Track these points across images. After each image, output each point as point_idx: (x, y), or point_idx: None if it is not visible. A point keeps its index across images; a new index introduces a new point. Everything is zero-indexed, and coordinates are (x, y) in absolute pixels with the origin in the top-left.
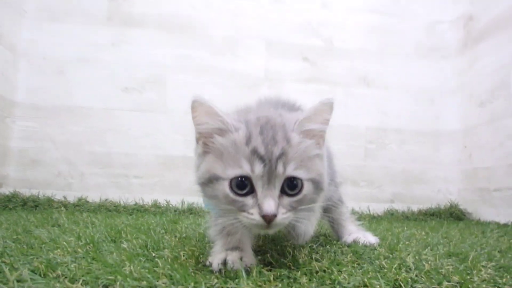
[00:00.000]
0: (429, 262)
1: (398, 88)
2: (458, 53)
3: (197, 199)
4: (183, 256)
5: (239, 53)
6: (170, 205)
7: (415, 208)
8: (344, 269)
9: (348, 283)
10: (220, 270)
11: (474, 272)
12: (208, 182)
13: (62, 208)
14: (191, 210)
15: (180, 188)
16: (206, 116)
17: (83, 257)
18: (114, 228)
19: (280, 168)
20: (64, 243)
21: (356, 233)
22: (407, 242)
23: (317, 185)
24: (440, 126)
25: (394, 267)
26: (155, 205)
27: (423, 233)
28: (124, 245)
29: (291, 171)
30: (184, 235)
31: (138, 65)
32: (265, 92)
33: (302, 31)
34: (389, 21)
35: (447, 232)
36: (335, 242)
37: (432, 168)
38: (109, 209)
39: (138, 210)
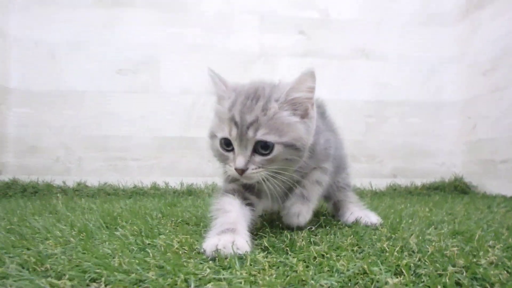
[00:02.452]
0: (433, 243)
1: (397, 59)
2: (458, 21)
3: (195, 179)
4: (177, 244)
5: (232, 29)
6: (169, 187)
7: (418, 182)
8: (343, 253)
9: (347, 270)
10: (213, 258)
11: (481, 253)
12: (211, 136)
13: (59, 195)
14: (190, 192)
15: (178, 169)
16: (215, 85)
17: (75, 248)
18: (110, 214)
19: (250, 133)
20: (58, 232)
21: (358, 213)
22: (410, 221)
23: (292, 147)
24: (442, 97)
25: (396, 250)
26: (154, 187)
27: (427, 209)
28: (119, 232)
29: (260, 136)
30: (180, 219)
31: (130, 47)
32: (260, 67)
33: (297, 3)
34: None
35: (452, 208)
36: (335, 222)
37: (435, 140)
38: (108, 193)
39: (137, 193)
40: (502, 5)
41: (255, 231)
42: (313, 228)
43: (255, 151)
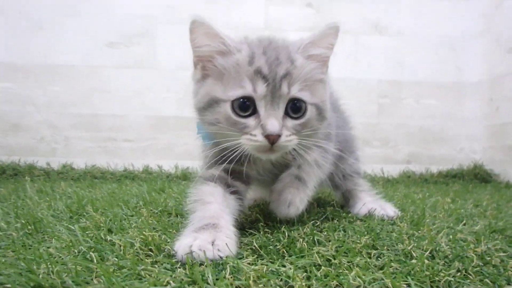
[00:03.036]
0: (470, 246)
1: (415, 35)
2: None
3: (191, 163)
4: (141, 242)
5: (235, 0)
6: (163, 171)
7: (434, 169)
8: (356, 259)
9: (363, 286)
10: (185, 264)
11: None
12: (207, 106)
13: (34, 177)
14: (185, 176)
15: (173, 152)
16: (206, 38)
17: (10, 246)
18: (80, 201)
19: (284, 88)
20: (3, 224)
21: (371, 204)
22: (433, 214)
23: (320, 112)
24: (463, 77)
25: (425, 256)
26: (146, 170)
27: (449, 200)
28: (79, 224)
29: (295, 92)
30: (161, 208)
31: (123, 18)
32: None
33: None
34: None
35: (478, 199)
36: (344, 215)
37: (454, 124)
38: (95, 176)
39: (126, 177)
40: None
41: (247, 225)
42: (318, 223)
43: (286, 113)
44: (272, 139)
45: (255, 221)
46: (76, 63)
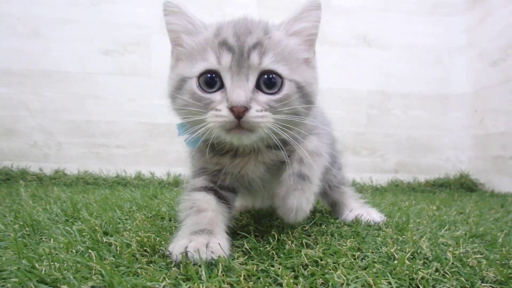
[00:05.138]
0: (450, 249)
1: (402, 47)
2: (466, 9)
3: (183, 170)
4: (136, 243)
5: (228, 9)
6: (155, 177)
7: (421, 178)
8: (342, 260)
9: (347, 283)
10: (179, 264)
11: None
12: (177, 89)
13: (26, 182)
14: (177, 183)
15: (165, 159)
16: (175, 17)
17: (9, 246)
18: (75, 206)
19: (254, 58)
20: (1, 225)
21: (358, 210)
22: (418, 220)
23: (303, 93)
24: (448, 88)
25: (406, 257)
26: (138, 177)
27: (434, 207)
28: (75, 226)
29: (268, 63)
30: (154, 213)
31: (119, 26)
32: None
33: None
34: None
35: (462, 207)
36: (332, 220)
37: (440, 134)
38: (87, 182)
39: (119, 183)
40: None
41: (238, 229)
42: (306, 227)
43: (258, 87)
44: (237, 112)
45: (246, 225)
46: (72, 69)
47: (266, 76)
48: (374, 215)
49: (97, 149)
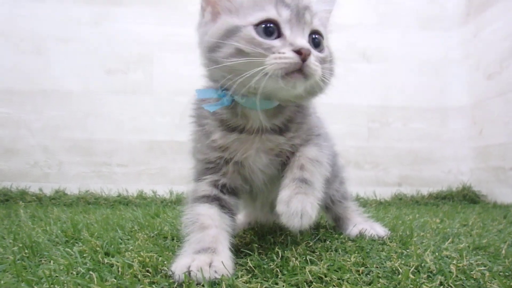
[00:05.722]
0: (454, 261)
1: (400, 61)
2: (461, 23)
3: (186, 188)
4: (138, 264)
5: None
6: (157, 196)
7: (424, 191)
8: (346, 276)
9: None
10: (182, 284)
11: None
12: (223, 38)
13: (25, 203)
14: (180, 201)
15: (168, 176)
16: None
17: (8, 269)
18: (75, 226)
19: (308, 16)
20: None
21: (362, 224)
22: (421, 233)
23: (331, 59)
24: (447, 101)
25: (410, 271)
26: (140, 196)
27: (438, 220)
28: (76, 248)
29: (317, 24)
30: (156, 232)
31: (122, 45)
32: None
33: None
34: None
35: (465, 219)
36: (337, 236)
37: (441, 146)
38: (88, 201)
39: (120, 202)
40: (503, 7)
41: (242, 246)
42: (310, 243)
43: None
44: (304, 54)
45: (250, 242)
46: (73, 88)
47: (314, 35)
48: (378, 230)
49: (99, 168)
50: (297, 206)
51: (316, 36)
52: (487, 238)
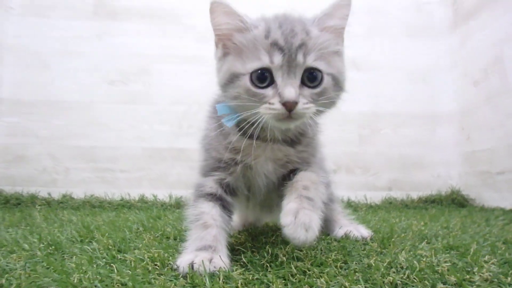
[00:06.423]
0: (424, 259)
1: (389, 69)
2: (448, 32)
3: (185, 192)
4: (148, 259)
5: None
6: (158, 200)
7: (414, 195)
8: (326, 270)
9: (328, 287)
10: (186, 275)
11: (475, 269)
12: (229, 81)
13: (38, 206)
14: (179, 205)
15: (167, 181)
16: (225, 16)
17: (40, 262)
18: (87, 227)
19: (300, 57)
20: (26, 245)
21: (347, 226)
22: (402, 235)
23: (337, 82)
24: (435, 107)
25: (383, 266)
26: (142, 199)
27: (422, 223)
28: (91, 246)
29: (311, 61)
30: (160, 233)
31: (123, 57)
32: None
33: None
34: (375, 3)
35: (448, 221)
36: (324, 237)
37: (430, 152)
38: (93, 205)
39: (123, 206)
40: (488, 16)
41: (237, 245)
42: None
43: (302, 82)
44: (289, 106)
45: (244, 242)
46: (77, 99)
47: (309, 72)
48: (362, 231)
49: (102, 174)
50: (304, 219)
51: (313, 72)
52: (461, 239)
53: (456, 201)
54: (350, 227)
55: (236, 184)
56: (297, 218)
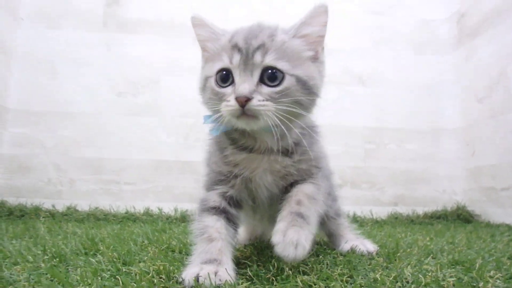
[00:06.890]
0: (430, 273)
1: (394, 84)
2: (453, 49)
3: (190, 205)
4: (154, 271)
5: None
6: (163, 213)
7: (420, 210)
8: (332, 284)
9: None
10: None
11: (481, 284)
12: (203, 85)
13: (42, 218)
14: (184, 218)
15: (173, 194)
16: (200, 29)
17: (44, 274)
18: (92, 239)
19: (257, 56)
20: (30, 257)
21: (353, 241)
22: (408, 250)
23: (304, 85)
24: (440, 122)
25: (389, 280)
26: (147, 213)
27: (427, 238)
28: (96, 258)
29: (270, 60)
30: (165, 246)
31: (132, 69)
32: None
33: None
34: (381, 19)
35: (453, 237)
36: (329, 251)
37: (435, 167)
38: (98, 218)
39: (128, 218)
40: (492, 35)
41: (243, 259)
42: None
43: (261, 81)
44: (241, 102)
45: (250, 256)
46: (84, 110)
47: (268, 71)
48: (368, 246)
49: (108, 186)
50: (293, 236)
51: (273, 71)
52: (467, 254)
53: (461, 217)
54: (356, 241)
55: (240, 196)
56: (286, 237)
